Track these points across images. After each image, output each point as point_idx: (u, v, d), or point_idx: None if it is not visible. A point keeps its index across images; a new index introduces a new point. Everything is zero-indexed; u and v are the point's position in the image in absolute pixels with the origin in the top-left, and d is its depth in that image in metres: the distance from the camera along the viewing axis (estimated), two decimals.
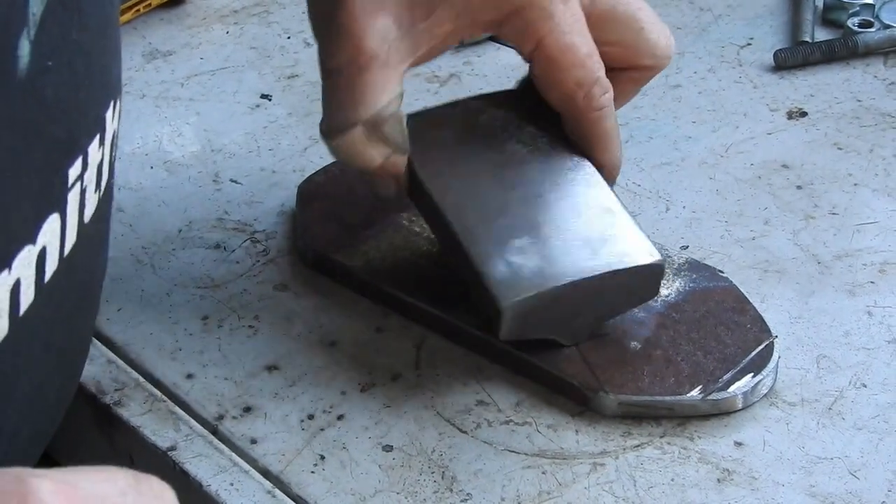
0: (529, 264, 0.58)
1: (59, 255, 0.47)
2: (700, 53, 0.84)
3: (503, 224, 0.60)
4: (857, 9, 0.85)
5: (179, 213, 0.72)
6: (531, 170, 0.62)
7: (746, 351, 0.60)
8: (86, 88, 0.47)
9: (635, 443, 0.58)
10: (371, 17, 0.58)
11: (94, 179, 0.50)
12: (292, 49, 0.85)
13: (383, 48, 0.58)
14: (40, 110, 0.44)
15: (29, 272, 0.45)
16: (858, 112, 0.78)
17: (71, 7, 0.45)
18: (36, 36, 0.43)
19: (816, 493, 0.56)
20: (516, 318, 0.58)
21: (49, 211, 0.46)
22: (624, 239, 0.59)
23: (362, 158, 0.60)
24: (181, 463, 0.58)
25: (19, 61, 0.42)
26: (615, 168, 0.64)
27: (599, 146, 0.63)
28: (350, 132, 0.58)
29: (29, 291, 0.46)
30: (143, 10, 0.88)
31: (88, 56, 0.47)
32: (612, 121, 0.62)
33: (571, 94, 0.61)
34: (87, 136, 0.48)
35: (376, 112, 0.58)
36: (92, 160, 0.49)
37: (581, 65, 0.61)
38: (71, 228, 0.48)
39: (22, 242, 0.44)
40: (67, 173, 0.47)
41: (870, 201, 0.71)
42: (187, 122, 0.79)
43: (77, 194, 0.48)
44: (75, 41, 0.46)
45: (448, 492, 0.56)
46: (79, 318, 0.54)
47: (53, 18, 0.44)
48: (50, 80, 0.44)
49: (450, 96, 0.80)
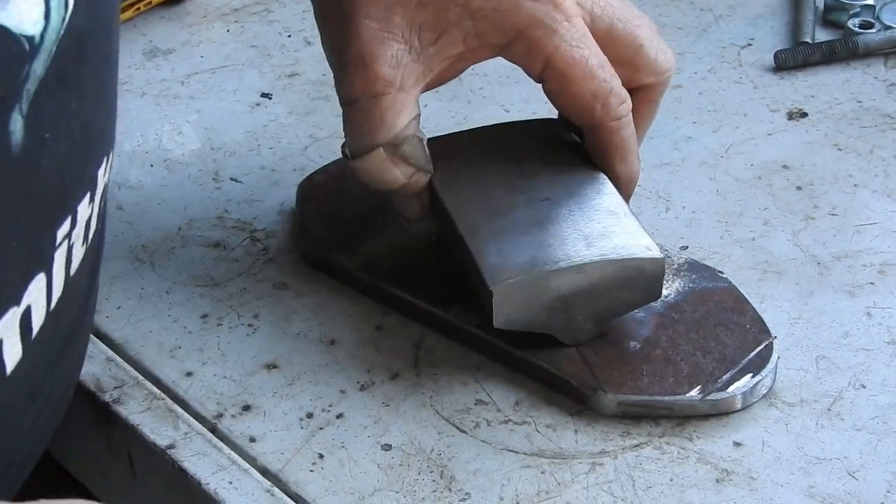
0: (523, 253, 0.59)
1: (45, 311, 0.47)
2: (700, 54, 0.84)
3: (506, 222, 0.60)
4: (858, 10, 0.85)
5: (179, 212, 0.72)
6: (542, 179, 0.63)
7: (746, 351, 0.60)
8: (82, 153, 0.47)
9: (634, 442, 0.58)
10: (382, 44, 0.59)
11: (81, 235, 0.49)
12: (293, 47, 0.85)
13: (396, 74, 0.59)
14: (34, 179, 0.44)
15: (12, 333, 0.45)
16: (859, 113, 0.78)
17: (70, 80, 0.45)
18: (29, 111, 0.42)
19: (815, 493, 0.56)
20: (506, 303, 0.58)
21: (35, 272, 0.46)
22: (624, 235, 0.60)
23: (386, 178, 0.61)
24: (180, 461, 0.58)
25: (12, 137, 0.42)
26: (632, 180, 0.64)
27: (617, 156, 0.63)
28: (372, 154, 0.60)
29: (14, 350, 0.45)
30: (144, 8, 0.88)
31: (86, 122, 0.47)
32: (629, 131, 0.62)
33: (588, 107, 0.61)
34: (77, 197, 0.48)
35: (395, 134, 0.59)
36: (80, 217, 0.48)
37: (593, 76, 0.61)
38: (57, 285, 0.48)
39: (6, 306, 0.44)
40: (56, 234, 0.46)
41: (870, 202, 0.71)
42: (187, 121, 0.79)
43: (64, 251, 0.48)
44: (74, 111, 0.46)
45: (447, 491, 0.56)
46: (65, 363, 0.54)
47: (49, 92, 0.43)
48: (47, 152, 0.44)
49: (450, 96, 0.80)
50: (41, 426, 0.53)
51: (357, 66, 0.59)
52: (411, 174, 0.61)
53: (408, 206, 0.63)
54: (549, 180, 0.63)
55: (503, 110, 0.79)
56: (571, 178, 0.63)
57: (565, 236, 0.59)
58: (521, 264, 0.58)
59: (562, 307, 0.59)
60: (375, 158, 0.60)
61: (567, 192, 0.62)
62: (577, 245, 0.59)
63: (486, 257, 0.59)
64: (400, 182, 0.61)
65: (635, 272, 0.59)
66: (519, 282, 0.58)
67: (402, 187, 0.61)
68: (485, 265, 0.59)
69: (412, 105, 0.60)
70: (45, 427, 0.55)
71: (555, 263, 0.58)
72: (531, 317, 0.59)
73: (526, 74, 0.63)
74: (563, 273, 0.58)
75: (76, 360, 0.57)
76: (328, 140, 0.77)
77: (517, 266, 0.58)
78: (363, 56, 0.59)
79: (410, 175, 0.61)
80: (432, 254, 0.66)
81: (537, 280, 0.58)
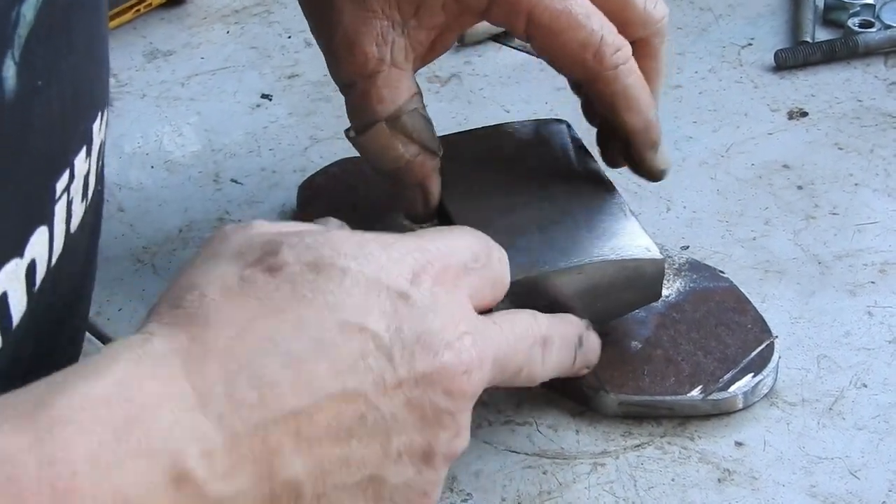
0: (523, 253, 0.59)
1: (46, 266, 0.47)
2: (701, 53, 0.84)
3: (506, 222, 0.60)
4: (858, 9, 0.85)
5: (180, 213, 0.72)
6: (543, 179, 0.63)
7: (747, 351, 0.60)
8: (74, 104, 0.47)
9: (636, 442, 0.58)
10: (365, 24, 0.59)
11: (80, 190, 0.49)
12: (293, 49, 0.85)
13: (385, 50, 0.59)
14: (28, 129, 0.44)
15: (17, 284, 0.45)
16: (859, 112, 0.78)
17: (59, 28, 0.45)
18: (21, 57, 0.42)
19: (817, 493, 0.56)
20: (506, 303, 0.58)
21: (37, 224, 0.46)
22: (624, 236, 0.60)
23: (389, 155, 0.60)
24: None
25: (5, 83, 0.42)
26: (649, 129, 0.61)
27: (623, 106, 0.60)
28: (374, 129, 0.60)
29: (20, 303, 0.46)
30: (144, 9, 0.88)
31: (77, 74, 0.47)
32: (633, 78, 0.60)
33: (579, 58, 0.59)
34: (73, 150, 0.48)
35: (396, 108, 0.59)
36: (78, 172, 0.49)
37: (579, 25, 0.59)
38: (58, 239, 0.48)
39: (9, 256, 0.44)
40: (54, 187, 0.47)
41: (870, 201, 0.71)
42: (188, 122, 0.79)
43: (64, 205, 0.48)
44: (65, 60, 0.46)
45: (448, 492, 0.56)
46: (67, 325, 0.54)
47: (39, 40, 0.43)
48: (39, 100, 0.44)
49: (451, 96, 0.80)
50: None
51: (345, 50, 0.60)
52: (416, 152, 0.60)
53: (414, 199, 0.62)
54: (549, 181, 0.63)
55: (503, 111, 0.79)
56: (572, 178, 0.63)
57: (565, 237, 0.59)
58: (522, 265, 0.58)
59: (562, 308, 0.59)
60: (378, 134, 0.60)
61: (567, 193, 0.62)
62: (577, 246, 0.59)
63: None
64: (404, 159, 0.60)
65: (635, 273, 0.59)
66: (519, 282, 0.58)
67: (409, 169, 0.60)
68: None
69: (408, 80, 0.60)
70: None
71: (555, 264, 0.58)
72: None
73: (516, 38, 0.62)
74: (563, 273, 0.58)
75: (79, 327, 0.57)
76: (328, 141, 0.77)
77: (517, 267, 0.58)
78: (349, 38, 0.59)
79: (416, 154, 0.60)
80: None
81: (538, 280, 0.58)
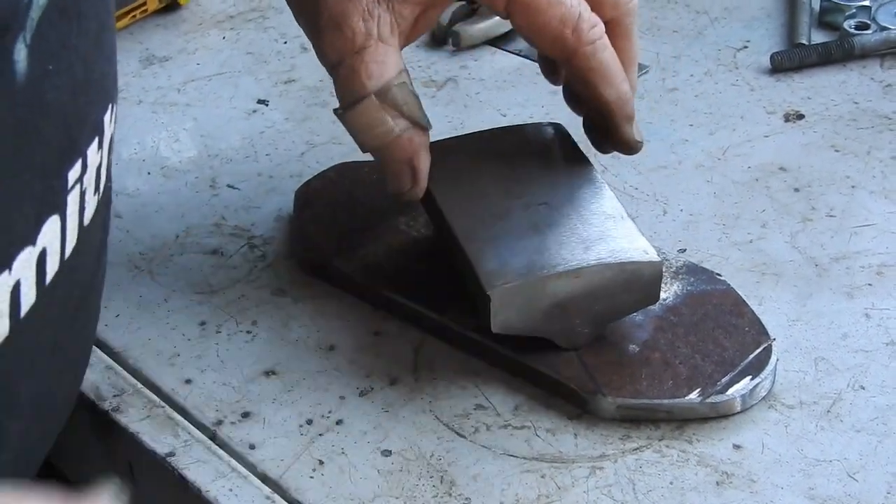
0: (520, 257, 0.59)
1: (59, 258, 0.48)
2: (696, 56, 0.84)
3: (503, 226, 0.60)
4: (854, 11, 0.85)
5: (177, 219, 0.72)
6: (539, 183, 0.63)
7: (744, 354, 0.60)
8: (85, 93, 0.48)
9: (634, 446, 0.58)
10: (350, 1, 0.60)
11: (93, 182, 0.50)
12: (289, 54, 0.85)
13: (372, 25, 0.60)
14: (40, 114, 0.45)
15: (29, 273, 0.46)
16: (855, 114, 0.78)
17: (70, 13, 0.46)
18: (33, 41, 0.43)
19: (815, 495, 0.56)
20: (504, 307, 0.58)
21: (49, 213, 0.46)
22: (621, 239, 0.60)
23: (379, 128, 0.60)
24: (180, 469, 0.58)
25: (16, 65, 0.42)
26: (624, 102, 0.63)
27: (601, 81, 0.62)
28: (362, 103, 0.60)
29: (30, 293, 0.46)
30: (140, 15, 0.88)
31: (87, 61, 0.48)
32: (608, 53, 0.61)
33: (559, 35, 0.61)
34: (86, 140, 0.49)
35: (385, 83, 0.59)
36: (91, 163, 0.49)
37: (559, 2, 0.60)
38: (71, 231, 0.48)
39: (22, 244, 0.45)
40: (67, 176, 0.47)
41: (867, 203, 0.71)
42: (184, 128, 0.79)
43: (77, 196, 0.48)
44: (75, 46, 0.46)
45: (447, 496, 0.56)
46: (80, 320, 0.54)
47: (51, 24, 0.44)
48: (50, 85, 0.45)
49: (447, 100, 0.80)
50: (57, 395, 0.53)
51: (332, 28, 0.60)
52: (405, 127, 0.60)
53: (402, 177, 0.62)
54: (545, 184, 0.63)
55: (500, 114, 0.79)
56: (568, 182, 0.63)
57: (563, 240, 0.59)
58: (519, 269, 0.58)
59: (560, 311, 0.59)
60: (366, 108, 0.60)
61: (564, 196, 0.62)
62: (575, 249, 0.59)
63: (483, 262, 0.59)
64: (394, 133, 0.60)
65: (633, 276, 0.59)
66: (516, 286, 0.58)
67: (397, 144, 0.61)
68: (482, 270, 0.59)
69: (395, 55, 0.60)
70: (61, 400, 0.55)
71: (552, 268, 0.58)
72: (529, 321, 0.59)
73: (496, 16, 0.62)
74: (561, 277, 0.58)
75: (90, 323, 0.57)
76: (325, 146, 0.77)
77: (515, 271, 0.58)
78: (335, 17, 0.60)
79: (405, 128, 0.60)
80: (430, 259, 0.66)
81: (535, 284, 0.58)
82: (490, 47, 0.85)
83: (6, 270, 0.44)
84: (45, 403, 0.52)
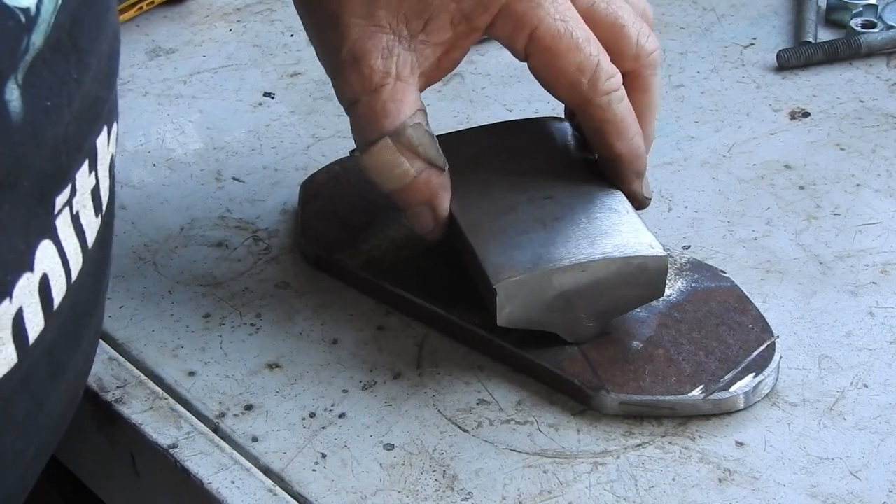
0: (526, 251, 0.59)
1: (66, 284, 0.47)
2: (703, 53, 0.84)
3: (509, 220, 0.60)
4: (861, 9, 0.85)
5: (182, 211, 0.72)
6: (545, 177, 0.63)
7: (748, 351, 0.60)
8: (79, 122, 0.47)
9: (636, 442, 0.58)
10: (371, 38, 0.59)
11: (89, 204, 0.49)
12: (295, 47, 0.85)
13: (391, 64, 0.59)
14: (35, 148, 0.44)
15: (32, 300, 0.45)
16: (861, 113, 0.78)
17: (66, 50, 0.45)
18: (25, 80, 0.42)
19: (818, 493, 0.56)
20: (510, 301, 0.58)
21: (38, 237, 0.46)
22: (627, 234, 0.60)
23: (395, 172, 0.60)
24: (182, 461, 0.58)
25: (9, 105, 0.42)
26: (637, 157, 0.62)
27: (613, 133, 0.61)
28: (378, 145, 0.59)
29: (36, 319, 0.45)
30: (146, 7, 0.88)
31: (87, 92, 0.47)
32: (622, 106, 0.61)
33: (576, 82, 0.60)
34: (75, 165, 0.48)
35: (400, 123, 0.59)
36: (81, 186, 0.48)
37: (578, 49, 0.60)
38: (73, 254, 0.48)
39: (19, 269, 0.44)
40: (54, 201, 0.46)
41: (872, 202, 0.71)
42: (190, 120, 0.79)
43: (67, 220, 0.48)
44: (76, 80, 0.46)
45: (449, 490, 0.56)
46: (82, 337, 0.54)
47: (45, 62, 0.43)
48: (49, 121, 0.44)
49: (453, 95, 0.80)
50: (55, 412, 0.53)
51: (351, 65, 0.59)
52: (422, 168, 0.60)
53: (421, 217, 0.62)
54: (551, 178, 0.63)
55: (506, 110, 0.79)
56: (574, 176, 0.63)
57: (568, 234, 0.59)
58: (525, 262, 0.58)
59: (565, 305, 0.59)
60: (382, 149, 0.59)
61: (570, 191, 0.62)
62: (581, 243, 0.59)
63: (489, 255, 0.59)
64: (410, 175, 0.60)
65: (639, 270, 0.59)
66: (522, 280, 0.58)
67: (415, 186, 0.60)
68: (488, 263, 0.59)
69: (413, 95, 0.60)
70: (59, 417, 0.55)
71: (558, 261, 0.58)
72: (534, 315, 0.59)
73: (512, 55, 0.62)
74: (567, 271, 0.58)
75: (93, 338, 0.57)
76: (330, 139, 0.77)
77: (520, 264, 0.58)
78: (354, 53, 0.59)
79: (422, 169, 0.60)
80: (435, 253, 0.66)
81: (541, 278, 0.58)
82: (496, 42, 0.85)
83: (6, 299, 0.44)
84: (42, 421, 0.52)
